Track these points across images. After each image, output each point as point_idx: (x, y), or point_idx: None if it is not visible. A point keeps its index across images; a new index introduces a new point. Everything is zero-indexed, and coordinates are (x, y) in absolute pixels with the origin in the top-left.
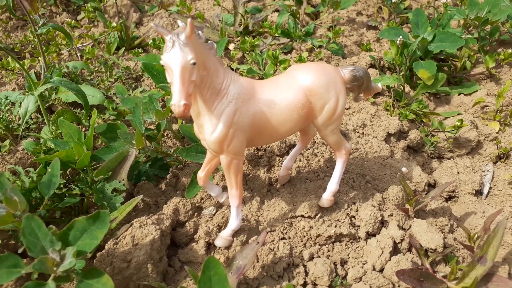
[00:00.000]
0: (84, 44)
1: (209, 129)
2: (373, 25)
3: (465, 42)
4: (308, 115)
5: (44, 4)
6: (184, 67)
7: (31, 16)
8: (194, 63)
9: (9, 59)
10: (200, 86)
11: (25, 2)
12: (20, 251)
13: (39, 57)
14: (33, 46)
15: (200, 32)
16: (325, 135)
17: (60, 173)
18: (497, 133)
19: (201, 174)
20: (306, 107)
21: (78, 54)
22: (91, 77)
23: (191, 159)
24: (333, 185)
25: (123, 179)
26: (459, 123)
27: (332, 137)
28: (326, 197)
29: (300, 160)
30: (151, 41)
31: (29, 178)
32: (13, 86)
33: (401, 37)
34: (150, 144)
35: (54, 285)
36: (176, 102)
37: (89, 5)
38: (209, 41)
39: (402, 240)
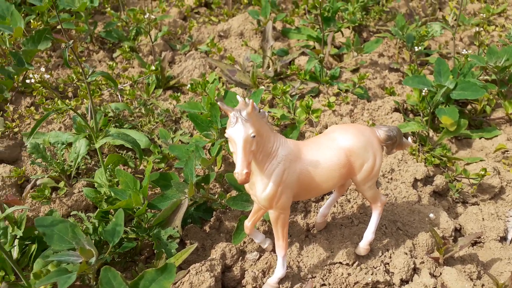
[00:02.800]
0: (123, 85)
1: (260, 187)
2: (394, 67)
3: (485, 92)
4: (348, 173)
5: (82, 42)
6: (246, 140)
7: (82, 64)
8: (254, 136)
9: (58, 101)
10: (254, 151)
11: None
12: None
13: (84, 99)
14: (74, 85)
15: (255, 105)
16: (363, 190)
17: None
18: None
19: (248, 223)
20: (347, 166)
21: (119, 94)
22: (132, 118)
23: (237, 207)
24: (369, 234)
25: (177, 226)
26: (483, 172)
27: (369, 192)
28: (363, 246)
29: (334, 206)
30: (189, 85)
31: (91, 224)
32: (59, 126)
33: (426, 89)
34: (198, 191)
35: None
36: (239, 171)
37: (125, 44)
38: (261, 110)
39: (434, 287)
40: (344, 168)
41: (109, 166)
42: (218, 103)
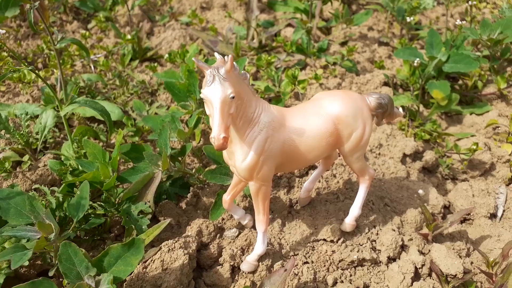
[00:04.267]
0: (97, 56)
1: (240, 156)
2: (384, 41)
3: (479, 65)
4: (336, 143)
5: (55, 12)
6: (224, 101)
7: (49, 29)
8: (233, 97)
9: (25, 71)
10: (234, 115)
11: (35, 11)
12: (51, 273)
13: (54, 69)
14: (45, 55)
15: (236, 64)
16: (351, 161)
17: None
18: (510, 155)
19: (226, 197)
20: (334, 135)
21: (92, 65)
22: (106, 89)
23: (215, 181)
24: (355, 210)
25: (149, 201)
26: (474, 147)
27: (357, 163)
28: (349, 222)
29: (319, 181)
30: (167, 55)
31: (54, 198)
32: (26, 98)
33: (418, 59)
34: (173, 165)
35: None
36: (216, 135)
37: (101, 15)
38: (242, 72)
39: (422, 265)
40: (332, 136)
41: (77, 137)
42: (194, 60)
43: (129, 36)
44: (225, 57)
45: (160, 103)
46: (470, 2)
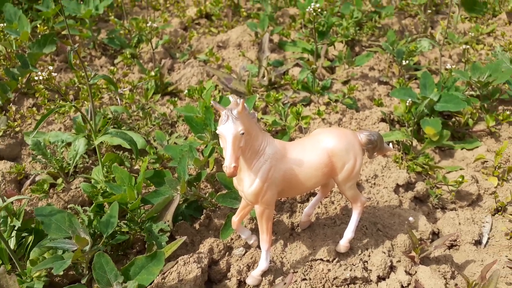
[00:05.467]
0: (123, 89)
1: (247, 183)
2: (384, 80)
3: (467, 104)
4: (330, 173)
5: (85, 48)
6: (235, 136)
7: (85, 67)
8: (243, 133)
9: (60, 102)
10: (243, 148)
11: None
12: (83, 281)
13: (85, 101)
14: (76, 88)
15: (246, 105)
16: (344, 190)
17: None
18: (495, 187)
19: (235, 219)
20: (329, 166)
21: (118, 98)
22: (130, 120)
23: (226, 204)
24: (349, 233)
25: (168, 221)
26: (460, 179)
27: (350, 192)
28: (343, 244)
29: (319, 207)
30: (186, 91)
31: (86, 217)
32: (59, 126)
33: (410, 99)
34: (189, 189)
35: None
36: (228, 164)
37: (127, 51)
38: (251, 111)
39: (408, 284)
40: (327, 167)
41: (106, 163)
42: (212, 102)
43: (152, 73)
44: (238, 99)
45: (179, 134)
46: (465, 46)
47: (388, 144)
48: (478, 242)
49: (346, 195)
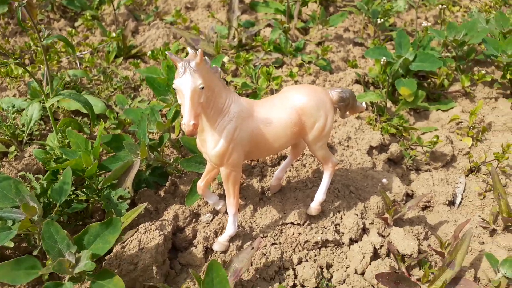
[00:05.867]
0: (83, 53)
1: (211, 144)
2: (359, 42)
3: (443, 63)
4: (300, 132)
5: (42, 10)
6: (194, 91)
7: (36, 26)
8: (203, 87)
9: (13, 66)
10: (205, 105)
11: (23, 9)
12: (34, 253)
13: (41, 65)
14: (32, 52)
15: (206, 58)
16: (314, 150)
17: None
18: (469, 148)
19: (200, 183)
20: (298, 125)
21: (77, 62)
22: (90, 85)
23: (191, 169)
24: (320, 195)
25: (128, 187)
26: (435, 139)
27: (320, 152)
28: (314, 206)
29: (290, 170)
30: (150, 52)
31: (39, 185)
32: (13, 92)
33: (384, 58)
34: (152, 154)
35: (71, 285)
36: (186, 122)
37: (87, 13)
38: (213, 66)
39: (381, 246)
40: (296, 126)
41: (61, 128)
42: (167, 53)
43: (114, 34)
44: (197, 51)
45: (142, 98)
46: (441, 6)
47: (361, 104)
48: (451, 203)
49: (317, 155)
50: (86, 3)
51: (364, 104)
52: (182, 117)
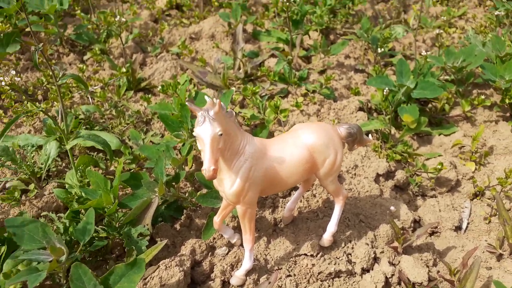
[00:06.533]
0: (94, 88)
1: (228, 183)
2: (360, 68)
3: (443, 91)
4: (311, 168)
5: (51, 45)
6: (213, 138)
7: (52, 67)
8: (221, 134)
9: (28, 104)
10: (222, 148)
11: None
12: None
13: (54, 101)
14: (45, 88)
15: (223, 104)
16: (326, 184)
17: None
18: (473, 172)
19: (217, 219)
20: (310, 162)
21: (89, 97)
22: (103, 119)
23: (207, 204)
24: (332, 227)
25: (147, 224)
26: (439, 166)
27: (331, 186)
28: (326, 238)
29: (301, 201)
30: (160, 87)
31: (62, 224)
32: (28, 129)
33: (387, 88)
34: (168, 190)
35: None
36: (207, 167)
37: (96, 47)
38: (228, 109)
39: (392, 275)
40: (308, 163)
41: (80, 167)
42: (187, 103)
43: (124, 69)
44: (214, 99)
45: (154, 132)
46: (438, 30)
47: (368, 135)
48: (458, 228)
49: (328, 189)
50: (94, 37)
51: (371, 137)
52: (202, 161)
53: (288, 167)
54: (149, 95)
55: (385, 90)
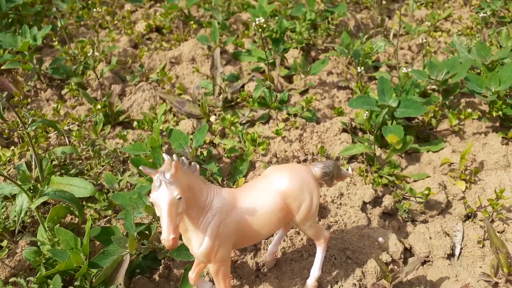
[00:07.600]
0: (71, 125)
1: (196, 243)
2: (343, 85)
3: (426, 109)
4: (286, 216)
5: (28, 82)
6: (171, 204)
7: (20, 117)
8: (180, 198)
9: (1, 152)
10: (185, 207)
11: (10, 84)
12: None
13: (29, 146)
14: (21, 128)
15: (183, 159)
16: (304, 229)
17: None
18: (463, 192)
19: (191, 275)
20: (284, 209)
21: (65, 136)
22: (80, 161)
23: (181, 258)
24: (315, 271)
25: (120, 284)
26: (427, 192)
27: (311, 230)
28: (310, 283)
29: (284, 240)
30: (136, 123)
31: None
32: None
33: (367, 112)
34: (142, 242)
35: None
36: (166, 237)
37: (72, 81)
38: (192, 164)
39: None
40: (282, 211)
41: (50, 223)
42: (141, 167)
43: (99, 106)
44: (172, 158)
45: (132, 171)
46: (423, 37)
47: (347, 169)
48: (451, 255)
49: (307, 234)
50: (71, 70)
51: (350, 170)
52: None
53: (260, 218)
54: (127, 131)
55: (365, 114)
